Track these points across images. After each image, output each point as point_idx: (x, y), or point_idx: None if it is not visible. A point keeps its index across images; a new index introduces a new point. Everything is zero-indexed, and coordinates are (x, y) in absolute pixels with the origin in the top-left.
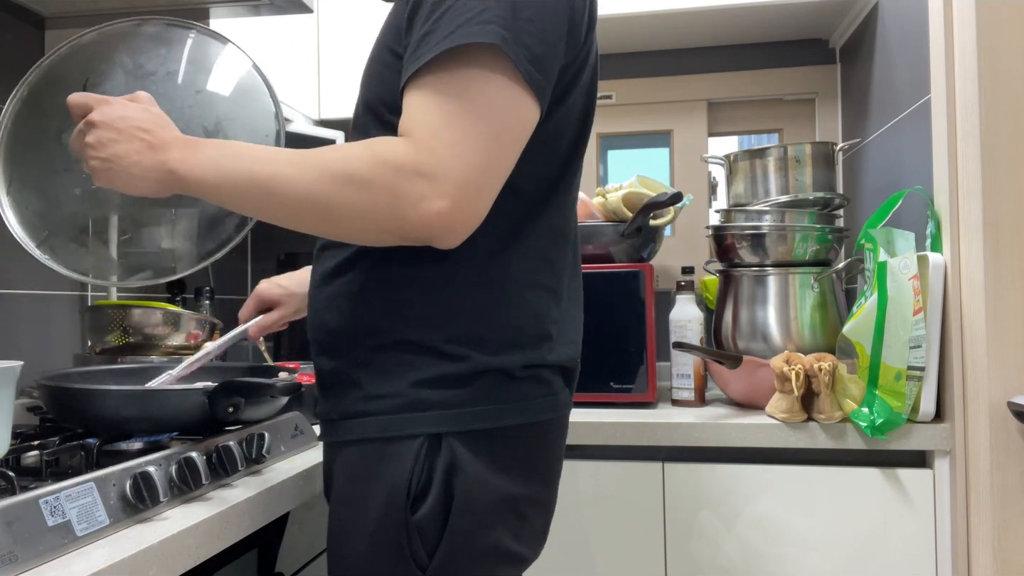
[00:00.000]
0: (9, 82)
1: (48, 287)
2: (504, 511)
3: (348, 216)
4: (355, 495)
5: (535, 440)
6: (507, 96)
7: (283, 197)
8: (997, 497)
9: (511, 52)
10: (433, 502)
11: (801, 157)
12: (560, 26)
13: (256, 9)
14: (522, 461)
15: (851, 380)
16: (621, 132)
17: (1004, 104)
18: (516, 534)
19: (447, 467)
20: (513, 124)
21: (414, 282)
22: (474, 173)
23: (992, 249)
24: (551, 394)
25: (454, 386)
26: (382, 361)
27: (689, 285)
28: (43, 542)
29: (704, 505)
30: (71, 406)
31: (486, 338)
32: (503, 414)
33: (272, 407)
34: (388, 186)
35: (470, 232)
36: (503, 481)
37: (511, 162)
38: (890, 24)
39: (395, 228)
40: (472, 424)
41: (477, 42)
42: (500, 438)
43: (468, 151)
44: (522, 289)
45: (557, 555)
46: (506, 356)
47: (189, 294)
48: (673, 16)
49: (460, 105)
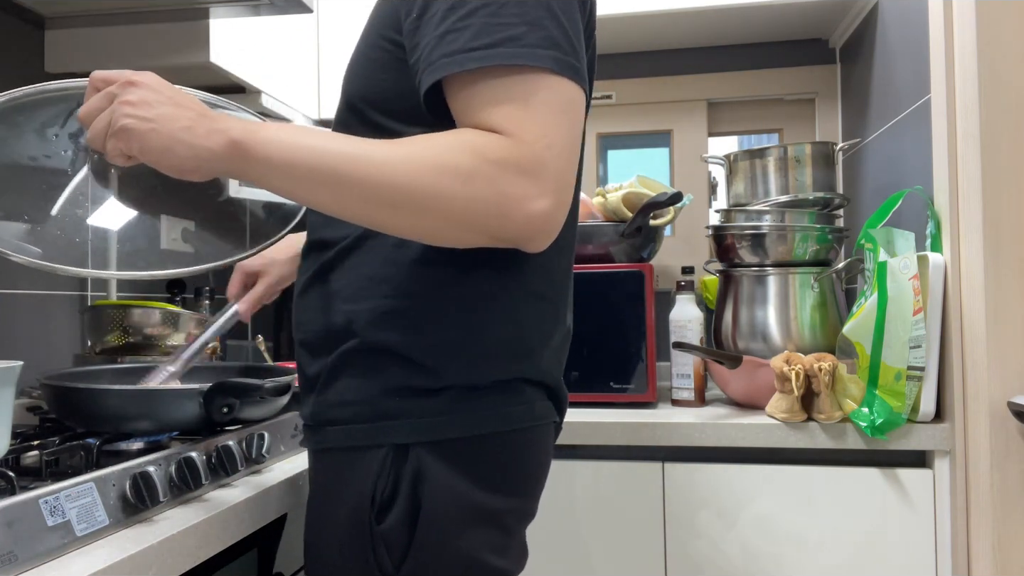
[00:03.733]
0: (9, 82)
1: (48, 287)
2: (476, 522)
3: (444, 209)
4: (325, 504)
5: (511, 451)
6: (568, 90)
7: (368, 183)
8: (997, 497)
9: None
10: (399, 512)
11: (801, 157)
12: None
13: (256, 9)
14: (496, 472)
15: (851, 380)
16: (621, 132)
17: (1004, 104)
18: (492, 546)
19: (413, 476)
20: (580, 117)
21: (395, 289)
22: (568, 170)
23: (992, 249)
24: (524, 403)
25: (421, 396)
26: (354, 367)
27: (689, 285)
28: (43, 542)
29: (704, 505)
30: (74, 405)
31: (461, 351)
32: (473, 424)
33: (272, 407)
34: (492, 181)
35: (559, 232)
36: (475, 491)
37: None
38: (890, 24)
39: (494, 227)
40: (439, 434)
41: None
42: (471, 448)
43: (560, 147)
44: (513, 298)
45: (557, 555)
46: (479, 371)
47: (189, 294)
48: (673, 16)
49: (538, 101)
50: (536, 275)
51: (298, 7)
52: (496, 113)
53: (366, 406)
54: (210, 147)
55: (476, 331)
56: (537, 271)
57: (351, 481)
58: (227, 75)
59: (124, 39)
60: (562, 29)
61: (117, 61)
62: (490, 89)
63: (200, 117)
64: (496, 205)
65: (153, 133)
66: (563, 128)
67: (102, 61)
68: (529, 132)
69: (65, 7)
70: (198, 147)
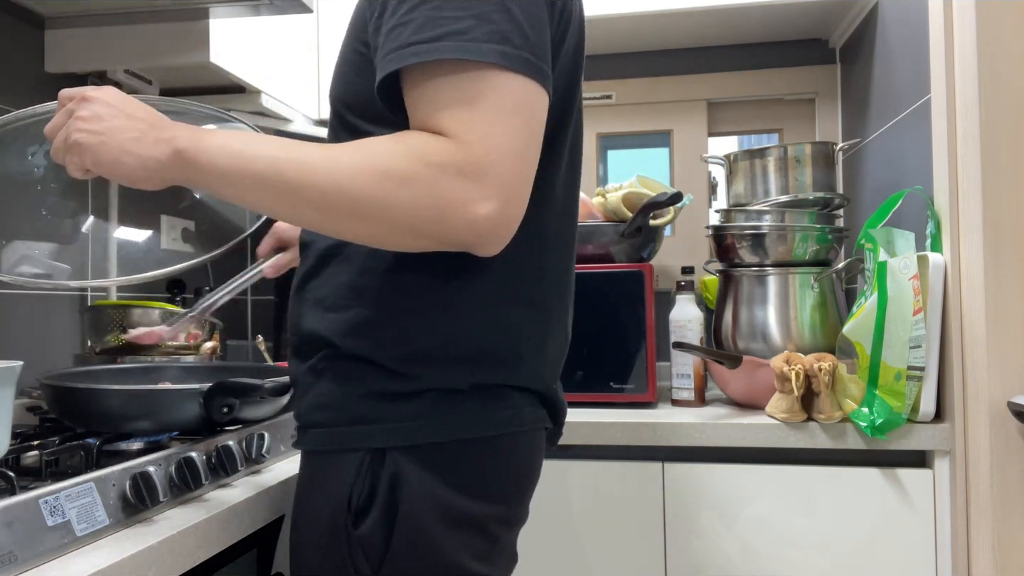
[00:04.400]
0: (9, 82)
1: (48, 287)
2: (456, 527)
3: (386, 215)
4: (306, 506)
5: (493, 456)
6: (519, 87)
7: (312, 189)
8: (997, 497)
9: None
10: (376, 516)
11: (801, 157)
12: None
13: (256, 9)
14: (477, 477)
15: (851, 380)
16: (621, 132)
17: (1004, 104)
18: (475, 552)
19: (390, 480)
20: (537, 115)
21: (371, 299)
22: (516, 171)
23: (992, 249)
24: (509, 408)
25: (398, 400)
26: (335, 371)
27: (689, 285)
28: (43, 542)
29: (704, 505)
30: (74, 405)
31: (440, 357)
32: (451, 429)
33: (272, 407)
34: (431, 185)
35: (511, 236)
36: (454, 496)
37: (538, 158)
38: (890, 24)
39: (437, 232)
40: (416, 439)
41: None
42: (450, 453)
43: (507, 148)
44: (496, 304)
45: (557, 555)
46: (458, 376)
47: (188, 294)
48: (673, 16)
49: (484, 100)
50: (522, 280)
51: (298, 7)
52: (441, 114)
53: (343, 410)
54: (157, 156)
55: (454, 338)
56: (523, 276)
57: (329, 484)
58: (227, 75)
59: (124, 39)
60: (514, 23)
61: (117, 61)
62: (437, 87)
63: (149, 128)
64: (436, 209)
65: (103, 146)
66: (511, 128)
67: (102, 61)
68: (472, 133)
69: (65, 7)
70: (145, 157)
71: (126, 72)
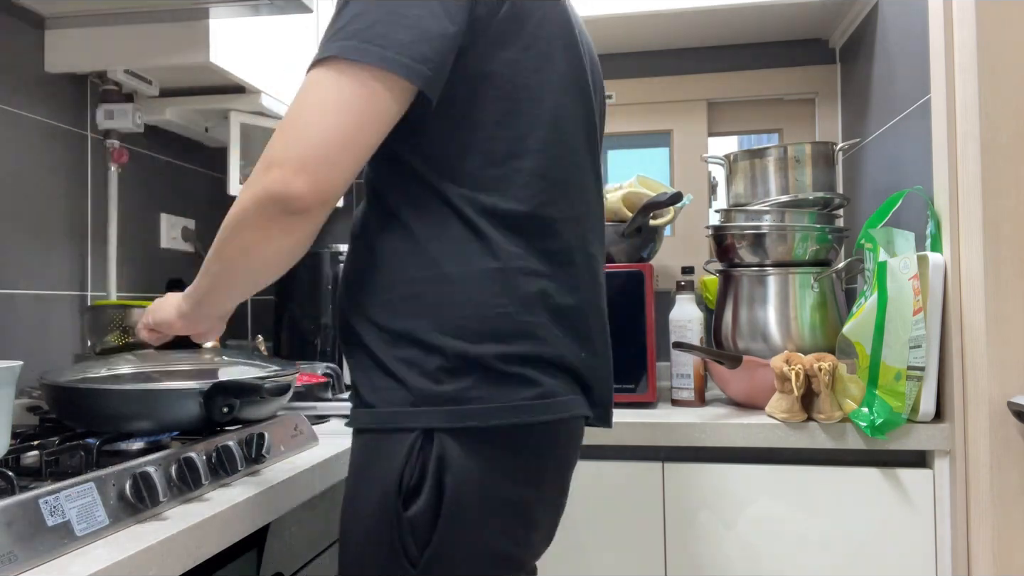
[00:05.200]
0: (9, 82)
1: (48, 287)
2: (496, 512)
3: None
4: (357, 486)
5: (534, 443)
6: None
7: (217, 272)
8: (997, 497)
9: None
10: (426, 499)
11: (801, 157)
12: None
13: (256, 9)
14: (518, 463)
15: (851, 380)
16: (621, 132)
17: (1004, 104)
18: (512, 536)
19: (437, 463)
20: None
21: (401, 274)
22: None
23: (992, 249)
24: (546, 396)
25: (441, 380)
26: (383, 354)
27: (689, 285)
28: (43, 542)
29: (704, 505)
30: (74, 405)
31: (467, 327)
32: (491, 414)
33: (272, 407)
34: (251, 186)
35: (330, 197)
36: (496, 481)
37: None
38: (890, 24)
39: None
40: (460, 422)
41: (326, 56)
42: (492, 438)
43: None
44: (507, 275)
45: (557, 555)
46: (485, 346)
47: None
48: (673, 16)
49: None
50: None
51: (298, 7)
52: None
53: (396, 391)
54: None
55: (477, 307)
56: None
57: (379, 465)
58: (227, 75)
59: (124, 39)
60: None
61: (117, 61)
62: None
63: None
64: (252, 200)
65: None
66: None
67: (102, 61)
68: (280, 130)
69: (65, 7)
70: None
71: (126, 72)
